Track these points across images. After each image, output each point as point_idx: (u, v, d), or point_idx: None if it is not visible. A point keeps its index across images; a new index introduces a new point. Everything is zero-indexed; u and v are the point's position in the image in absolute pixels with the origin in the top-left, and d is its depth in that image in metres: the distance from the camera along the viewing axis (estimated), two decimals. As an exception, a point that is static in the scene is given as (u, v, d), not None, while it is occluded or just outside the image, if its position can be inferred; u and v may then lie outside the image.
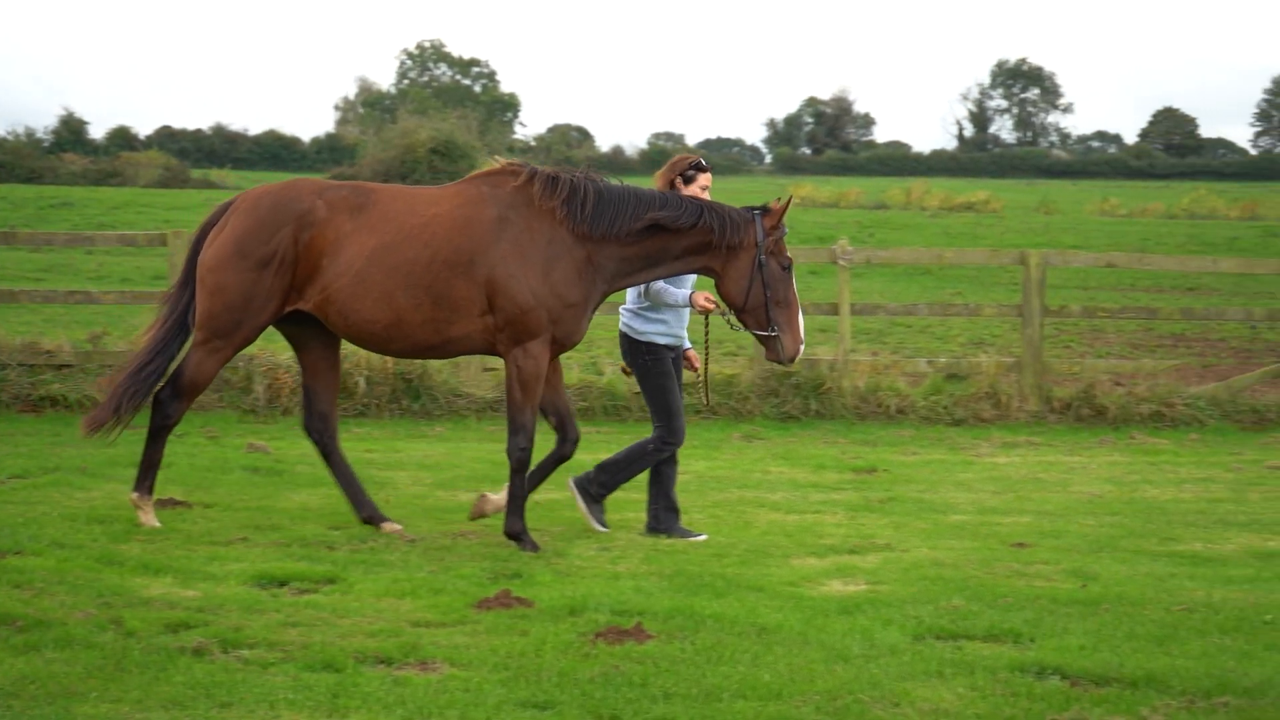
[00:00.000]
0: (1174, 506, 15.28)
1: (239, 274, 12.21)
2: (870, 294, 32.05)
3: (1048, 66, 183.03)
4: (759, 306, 12.28)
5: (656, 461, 12.99)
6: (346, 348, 14.21)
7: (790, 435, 19.99)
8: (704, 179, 12.96)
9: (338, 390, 13.41)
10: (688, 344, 13.25)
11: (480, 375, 21.14)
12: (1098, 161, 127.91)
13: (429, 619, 9.77)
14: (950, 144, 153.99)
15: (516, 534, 12.25)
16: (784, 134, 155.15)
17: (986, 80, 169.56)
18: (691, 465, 17.04)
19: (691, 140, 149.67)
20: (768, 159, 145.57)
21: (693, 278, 12.86)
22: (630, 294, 12.99)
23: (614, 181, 12.43)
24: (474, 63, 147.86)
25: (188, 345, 12.69)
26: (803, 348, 12.50)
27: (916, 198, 69.63)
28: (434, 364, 20.78)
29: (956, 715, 8.11)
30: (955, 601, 10.60)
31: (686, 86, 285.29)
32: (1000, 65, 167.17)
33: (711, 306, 12.69)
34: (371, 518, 12.72)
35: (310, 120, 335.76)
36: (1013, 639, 9.68)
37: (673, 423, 12.90)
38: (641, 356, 12.95)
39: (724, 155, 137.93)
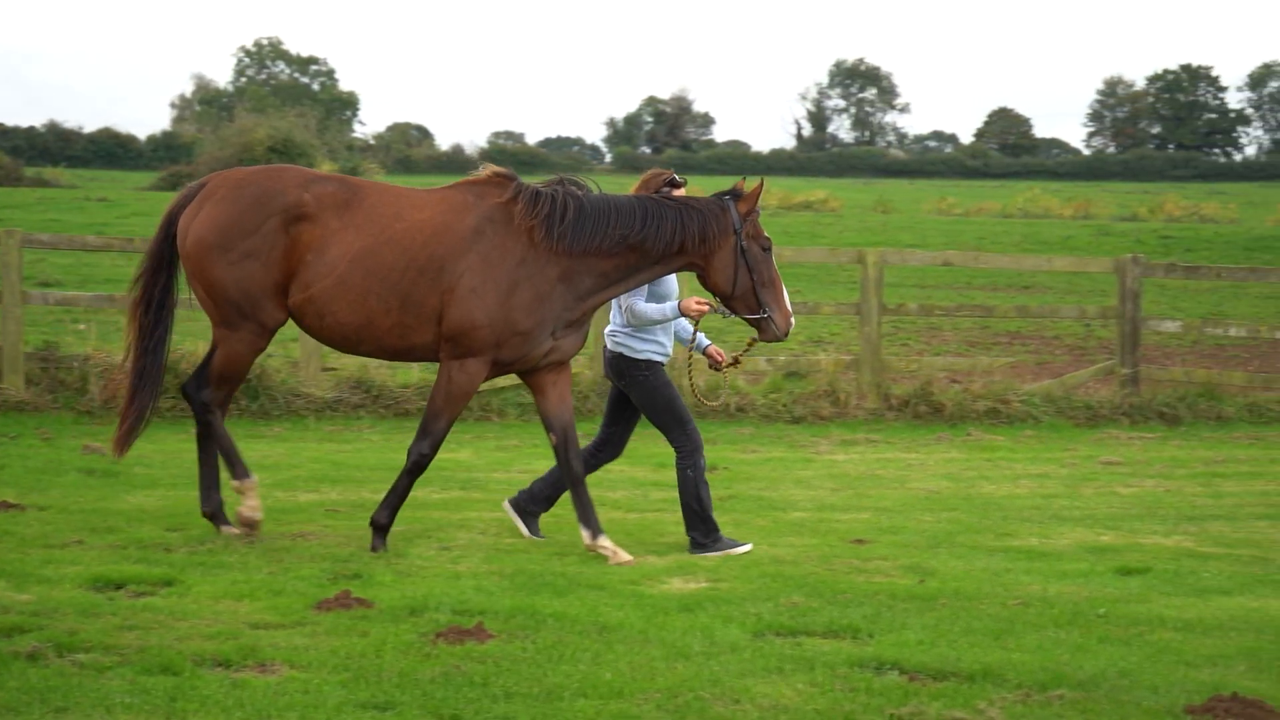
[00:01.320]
0: (1009, 502, 15.47)
1: (226, 267, 11.88)
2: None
3: (885, 67, 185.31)
4: (747, 291, 12.20)
5: (701, 472, 12.64)
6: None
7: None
8: (679, 195, 12.67)
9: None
10: (707, 341, 13.06)
11: (319, 375, 20.98)
12: (934, 161, 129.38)
13: (268, 620, 9.69)
14: (789, 143, 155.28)
15: (381, 526, 12.10)
16: (624, 133, 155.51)
17: (824, 80, 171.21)
18: (534, 464, 17.01)
19: (532, 139, 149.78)
20: (608, 158, 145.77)
21: (672, 277, 12.72)
22: (615, 319, 12.71)
23: (593, 190, 12.19)
24: (312, 60, 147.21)
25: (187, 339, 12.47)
26: (793, 320, 12.43)
27: (756, 196, 69.88)
28: (271, 364, 20.60)
29: (796, 711, 8.16)
30: (795, 598, 10.67)
31: (527, 85, 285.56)
32: (838, 65, 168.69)
33: (706, 308, 12.48)
34: (214, 515, 12.53)
35: (146, 118, 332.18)
36: (851, 635, 9.75)
37: (687, 428, 12.66)
38: (640, 373, 12.68)
39: (564, 154, 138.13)
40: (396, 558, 11.75)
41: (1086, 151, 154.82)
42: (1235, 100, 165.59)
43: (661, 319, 12.51)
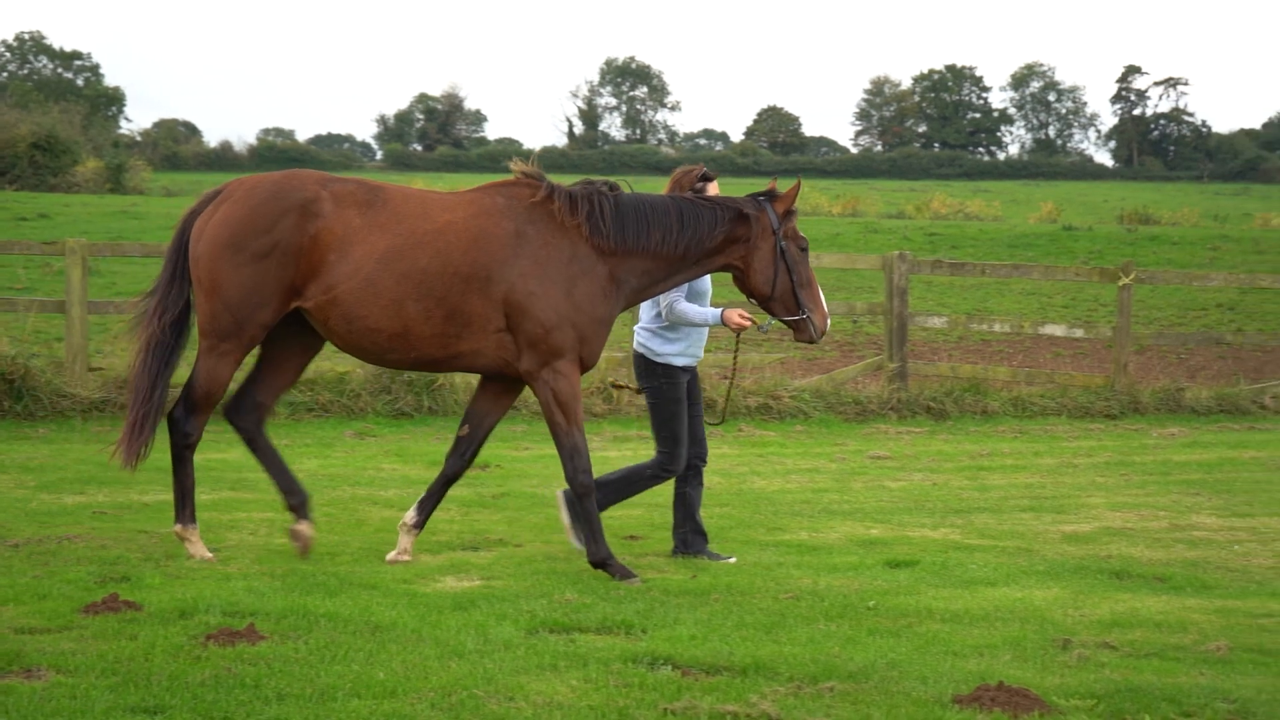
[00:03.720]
0: (781, 497, 15.62)
1: (234, 268, 11.38)
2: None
3: (656, 65, 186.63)
4: (787, 292, 12.00)
5: (653, 484, 12.55)
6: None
7: (403, 432, 19.94)
8: (712, 189, 12.44)
9: (286, 390, 12.61)
10: (702, 346, 12.77)
11: (85, 375, 20.66)
12: (705, 158, 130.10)
13: (34, 625, 9.50)
14: (561, 141, 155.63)
15: (604, 560, 11.64)
16: (395, 130, 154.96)
17: (596, 78, 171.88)
18: (304, 464, 16.88)
19: (302, 136, 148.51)
20: (379, 155, 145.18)
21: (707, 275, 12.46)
22: (645, 313, 12.55)
23: (625, 190, 11.90)
24: (76, 55, 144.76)
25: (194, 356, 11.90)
26: (829, 321, 12.29)
27: (528, 194, 69.96)
28: (36, 364, 20.23)
29: (570, 708, 8.16)
30: (568, 595, 10.69)
31: (296, 81, 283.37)
32: (609, 63, 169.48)
33: (747, 323, 12.24)
34: (299, 506, 12.00)
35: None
36: (625, 630, 9.79)
37: (676, 450, 12.41)
38: (657, 379, 12.42)
39: (335, 151, 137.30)
40: (166, 559, 11.59)
41: (854, 150, 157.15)
42: (999, 100, 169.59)
43: (701, 323, 12.35)
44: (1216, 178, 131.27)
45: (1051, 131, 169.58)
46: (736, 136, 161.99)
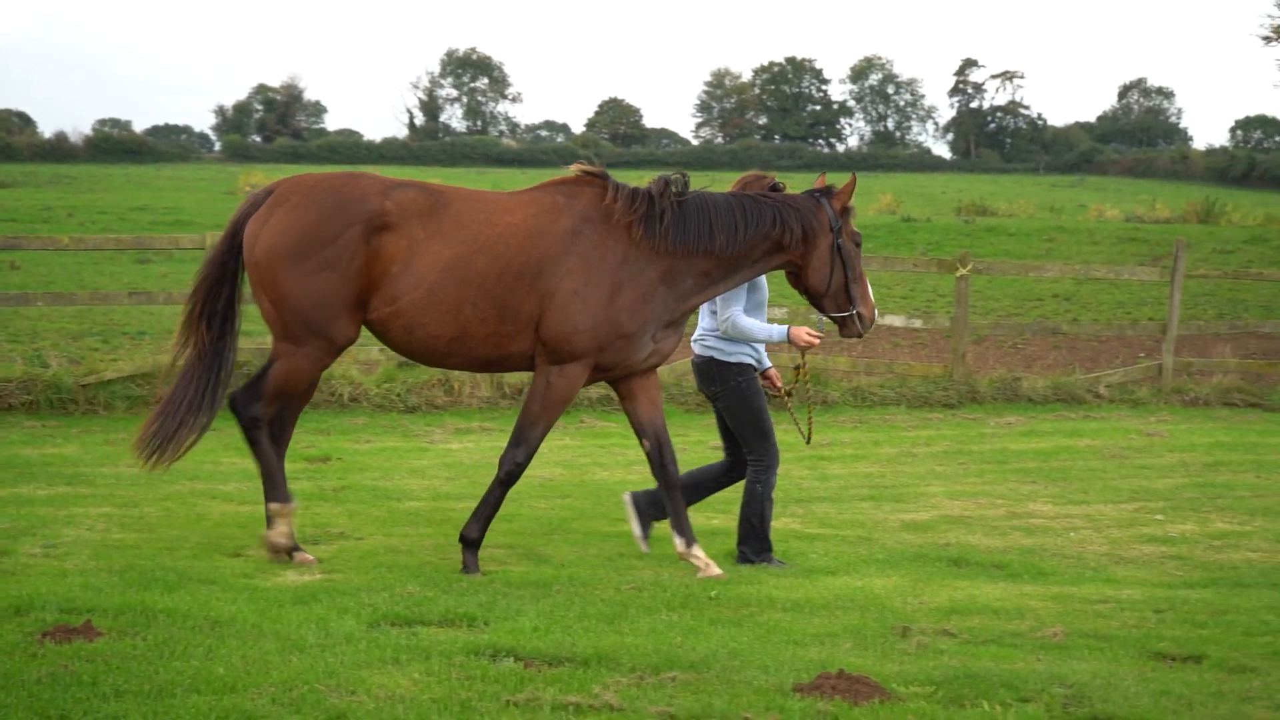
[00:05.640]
0: (623, 488, 15.58)
1: (299, 278, 11.16)
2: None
3: (496, 56, 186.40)
4: (840, 289, 11.89)
5: (770, 489, 12.34)
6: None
7: (243, 425, 19.75)
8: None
9: (308, 398, 12.23)
10: (767, 363, 12.62)
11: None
12: (546, 150, 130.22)
13: None
14: (401, 132, 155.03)
15: (473, 542, 11.62)
16: (234, 121, 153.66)
17: (436, 69, 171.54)
18: (142, 458, 16.69)
19: (139, 127, 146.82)
20: (217, 146, 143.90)
21: (764, 279, 12.32)
22: (705, 321, 12.36)
23: (689, 186, 11.78)
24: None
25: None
26: (876, 313, 12.12)
27: (368, 186, 69.81)
28: None
29: (413, 701, 8.13)
30: (410, 588, 10.66)
31: (132, 72, 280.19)
32: (450, 54, 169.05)
33: (815, 340, 12.13)
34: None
35: None
36: (467, 623, 9.77)
37: (768, 443, 12.31)
38: (734, 378, 12.26)
39: (172, 142, 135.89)
40: (1, 556, 11.43)
41: (695, 142, 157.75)
42: (838, 93, 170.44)
43: (765, 339, 12.18)
44: (1052, 170, 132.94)
45: (890, 124, 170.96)
46: (578, 128, 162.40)
